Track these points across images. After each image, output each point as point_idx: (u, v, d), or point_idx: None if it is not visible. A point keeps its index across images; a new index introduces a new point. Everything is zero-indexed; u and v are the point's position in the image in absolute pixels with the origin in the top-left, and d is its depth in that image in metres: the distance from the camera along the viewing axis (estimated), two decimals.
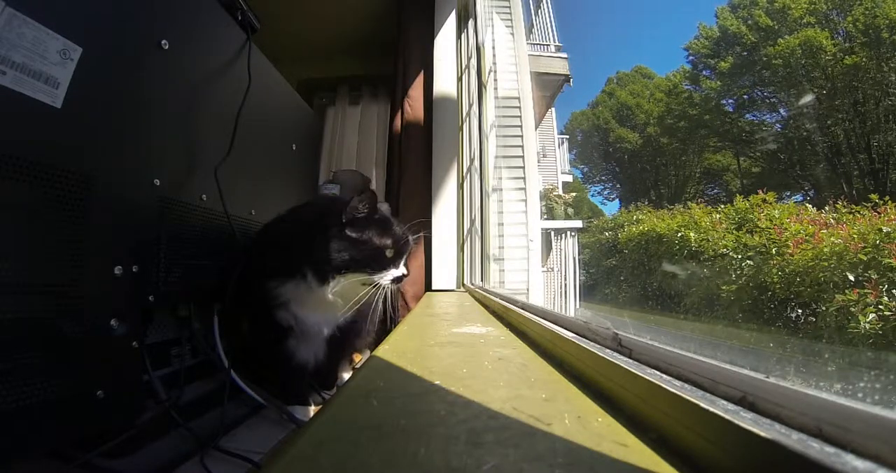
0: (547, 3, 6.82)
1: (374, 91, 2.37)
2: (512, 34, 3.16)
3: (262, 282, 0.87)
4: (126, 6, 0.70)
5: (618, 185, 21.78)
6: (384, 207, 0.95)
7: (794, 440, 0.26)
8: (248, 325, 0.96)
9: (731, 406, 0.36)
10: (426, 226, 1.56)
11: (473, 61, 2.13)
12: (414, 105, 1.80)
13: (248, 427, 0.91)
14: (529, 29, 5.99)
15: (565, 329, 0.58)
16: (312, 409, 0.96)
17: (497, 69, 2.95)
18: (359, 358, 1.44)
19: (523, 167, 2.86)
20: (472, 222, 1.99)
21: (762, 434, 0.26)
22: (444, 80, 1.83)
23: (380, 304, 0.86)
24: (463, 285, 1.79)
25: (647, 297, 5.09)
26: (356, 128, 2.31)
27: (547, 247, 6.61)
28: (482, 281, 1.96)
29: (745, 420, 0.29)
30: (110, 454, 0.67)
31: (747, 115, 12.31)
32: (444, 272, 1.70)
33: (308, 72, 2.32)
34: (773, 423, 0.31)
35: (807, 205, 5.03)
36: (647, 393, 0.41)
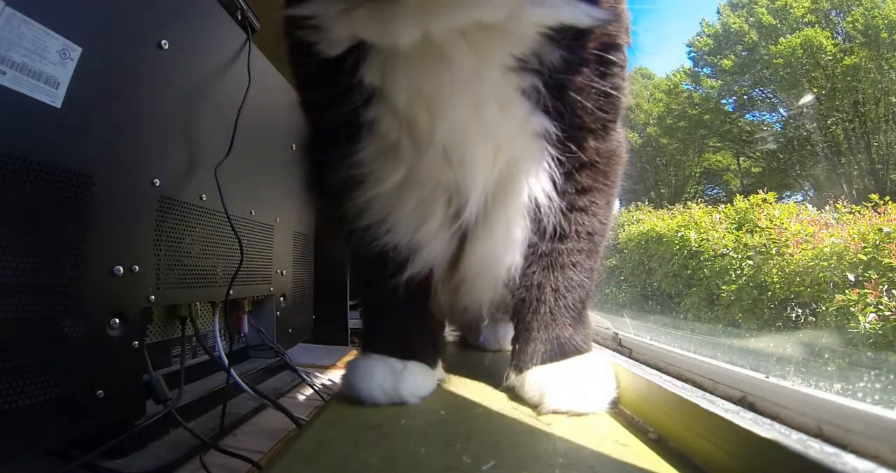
0: None
1: None
2: None
3: None
4: (126, 6, 0.70)
5: None
6: None
7: (794, 440, 0.26)
8: None
9: (731, 406, 0.36)
10: None
11: None
12: None
13: (248, 427, 0.91)
14: None
15: None
16: None
17: None
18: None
19: None
20: None
21: (762, 434, 0.26)
22: None
23: None
24: None
25: (647, 297, 5.07)
26: None
27: None
28: None
29: (745, 420, 0.29)
30: (110, 454, 0.67)
31: (747, 115, 12.30)
32: None
33: None
34: (773, 423, 0.31)
35: (807, 205, 5.02)
36: (648, 392, 0.41)
